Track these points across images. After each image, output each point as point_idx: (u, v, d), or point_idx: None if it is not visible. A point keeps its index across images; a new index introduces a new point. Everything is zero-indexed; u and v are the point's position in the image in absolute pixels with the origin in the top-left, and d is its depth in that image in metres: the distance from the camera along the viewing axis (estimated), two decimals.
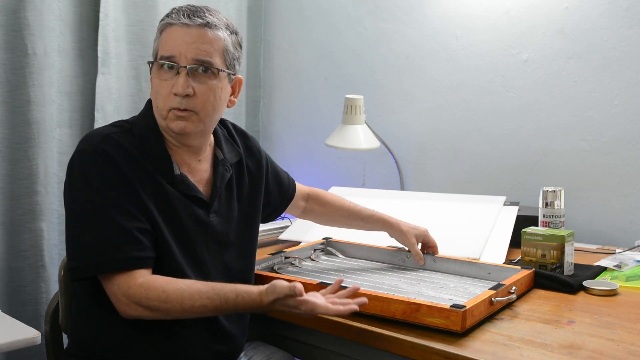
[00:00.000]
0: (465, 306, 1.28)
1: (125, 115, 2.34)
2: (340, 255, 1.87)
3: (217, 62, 1.37)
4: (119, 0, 2.30)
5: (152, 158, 1.37)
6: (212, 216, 1.43)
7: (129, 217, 1.30)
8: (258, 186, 1.57)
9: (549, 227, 1.84)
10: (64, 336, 1.60)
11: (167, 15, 1.38)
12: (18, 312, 2.06)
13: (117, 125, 1.40)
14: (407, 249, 1.75)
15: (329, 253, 1.88)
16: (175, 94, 1.34)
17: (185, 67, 1.34)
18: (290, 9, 2.85)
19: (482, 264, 1.67)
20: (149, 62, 1.40)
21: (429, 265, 1.73)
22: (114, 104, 2.31)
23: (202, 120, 1.38)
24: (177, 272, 1.35)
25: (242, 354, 1.51)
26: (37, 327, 1.52)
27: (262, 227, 2.16)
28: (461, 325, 1.27)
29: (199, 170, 1.45)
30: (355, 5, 2.64)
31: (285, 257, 1.76)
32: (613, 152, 2.09)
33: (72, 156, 1.34)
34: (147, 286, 1.28)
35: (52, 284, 2.14)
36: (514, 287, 1.47)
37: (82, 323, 1.40)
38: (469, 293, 1.51)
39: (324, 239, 1.91)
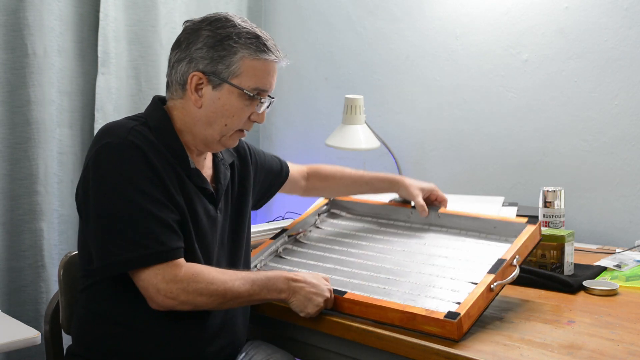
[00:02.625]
0: (459, 314, 1.27)
1: (125, 115, 2.33)
2: (345, 214, 1.84)
3: None
4: (119, 0, 2.30)
5: (171, 150, 1.39)
6: (218, 211, 1.46)
7: (164, 209, 1.32)
8: (247, 185, 1.59)
9: (549, 227, 1.84)
10: (64, 336, 1.60)
11: (264, 46, 1.39)
12: (18, 312, 2.05)
13: (133, 118, 1.41)
14: (412, 204, 1.75)
15: (333, 215, 1.85)
16: (254, 122, 1.44)
17: (271, 100, 1.43)
18: (290, 9, 2.84)
19: (488, 219, 1.65)
20: (228, 83, 1.37)
21: (433, 220, 1.71)
22: (114, 104, 2.30)
23: None
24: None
25: (243, 354, 1.51)
26: (37, 327, 1.52)
27: (261, 227, 2.16)
28: (457, 334, 1.26)
29: (205, 167, 1.49)
30: (355, 5, 2.64)
31: (289, 236, 1.72)
32: (613, 152, 2.09)
33: (97, 151, 1.33)
34: (193, 272, 1.31)
35: (52, 284, 2.14)
36: (516, 258, 1.44)
37: (89, 324, 1.40)
38: (472, 272, 1.47)
39: (325, 198, 1.89)
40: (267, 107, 1.45)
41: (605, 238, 2.09)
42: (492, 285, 1.36)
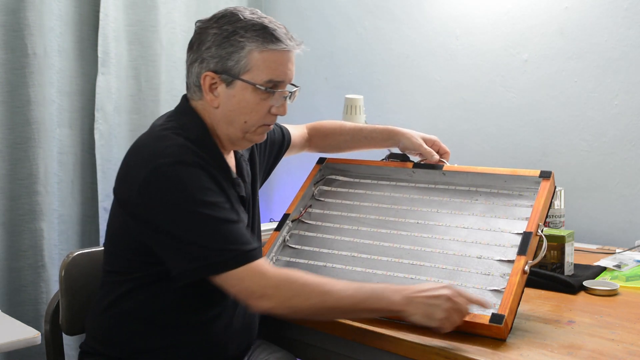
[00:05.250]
0: (503, 316, 1.26)
1: (125, 115, 2.34)
2: (342, 178, 1.75)
3: None
4: (119, 0, 2.30)
5: (215, 162, 1.36)
6: (247, 211, 1.46)
7: (235, 214, 1.32)
8: (256, 170, 1.57)
9: (549, 227, 1.84)
10: (64, 336, 1.60)
11: (272, 36, 1.34)
12: (18, 312, 2.06)
13: (175, 132, 1.36)
14: (409, 157, 1.71)
15: (329, 181, 1.76)
16: (276, 115, 1.39)
17: (290, 91, 1.39)
18: (290, 9, 2.85)
19: (496, 174, 1.58)
20: (240, 79, 1.34)
21: (439, 179, 1.64)
22: (114, 104, 2.30)
23: None
24: None
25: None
26: (37, 327, 1.51)
27: (262, 227, 2.16)
28: (505, 334, 1.26)
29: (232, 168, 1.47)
30: (355, 5, 2.64)
31: (292, 221, 1.66)
32: (613, 152, 2.09)
33: (151, 174, 1.27)
34: (284, 272, 1.29)
35: (52, 284, 2.14)
36: (540, 228, 1.41)
37: (109, 319, 1.38)
38: (498, 247, 1.44)
39: (318, 164, 1.78)
40: (290, 97, 1.40)
41: (605, 238, 2.10)
42: (525, 268, 1.35)
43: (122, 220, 1.36)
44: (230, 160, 1.46)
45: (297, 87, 1.42)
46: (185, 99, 1.43)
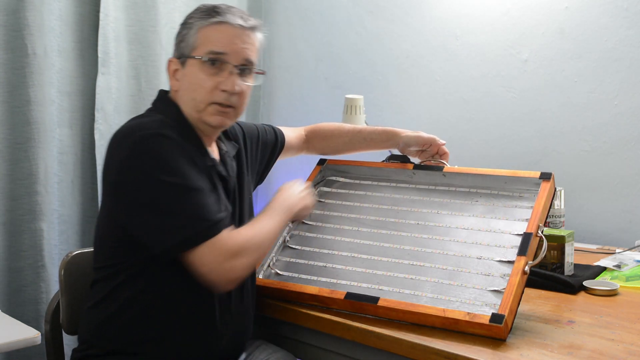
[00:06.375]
0: (503, 316, 1.26)
1: (125, 115, 2.34)
2: (342, 179, 1.76)
3: (256, 63, 1.46)
4: (119, 0, 2.30)
5: (194, 145, 1.40)
6: (230, 203, 1.47)
7: (206, 187, 1.35)
8: (244, 169, 1.58)
9: (549, 227, 1.84)
10: (65, 336, 1.60)
11: (216, 13, 1.40)
12: (18, 312, 2.05)
13: (152, 116, 1.41)
14: (409, 158, 1.72)
15: (330, 183, 1.77)
16: (224, 90, 1.39)
17: (237, 66, 1.40)
18: (290, 9, 2.85)
19: (497, 175, 1.59)
20: (189, 57, 1.40)
21: (439, 180, 1.65)
22: (114, 104, 2.30)
23: (237, 116, 1.46)
24: None
25: (245, 353, 1.51)
26: (37, 327, 1.52)
27: None
28: (504, 334, 1.26)
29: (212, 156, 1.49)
30: (355, 5, 2.64)
31: (292, 222, 1.66)
32: (613, 152, 2.09)
33: (134, 143, 1.31)
34: (237, 233, 1.34)
35: (52, 284, 2.14)
36: (540, 229, 1.41)
37: (102, 318, 1.38)
38: (499, 248, 1.44)
39: (318, 165, 1.80)
40: (241, 74, 1.41)
41: (605, 238, 2.10)
42: (525, 269, 1.35)
43: (107, 209, 1.39)
44: (214, 153, 1.48)
45: (262, 73, 1.47)
46: (162, 93, 1.49)
